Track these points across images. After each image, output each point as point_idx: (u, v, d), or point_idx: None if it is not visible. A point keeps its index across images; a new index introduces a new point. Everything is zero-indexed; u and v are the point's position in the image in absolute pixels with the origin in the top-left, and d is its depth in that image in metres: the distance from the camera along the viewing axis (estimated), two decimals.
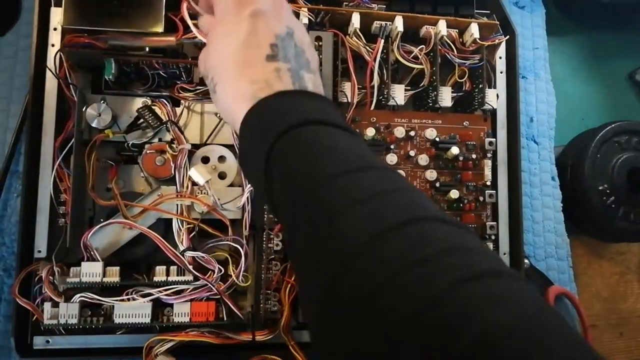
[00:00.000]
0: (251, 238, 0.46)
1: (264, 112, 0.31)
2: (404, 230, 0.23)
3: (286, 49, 0.34)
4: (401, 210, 0.24)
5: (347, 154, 0.28)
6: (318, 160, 0.28)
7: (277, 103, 0.31)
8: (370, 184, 0.26)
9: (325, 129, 0.30)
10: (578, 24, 0.66)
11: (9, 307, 0.45)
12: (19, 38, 0.51)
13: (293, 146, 0.29)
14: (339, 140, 0.29)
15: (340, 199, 0.25)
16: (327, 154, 0.28)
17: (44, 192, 0.43)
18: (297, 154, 0.28)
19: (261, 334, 0.43)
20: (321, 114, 0.31)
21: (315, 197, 0.26)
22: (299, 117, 0.30)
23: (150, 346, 0.42)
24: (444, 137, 0.49)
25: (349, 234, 0.23)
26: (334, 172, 0.26)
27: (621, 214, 0.55)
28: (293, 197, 0.28)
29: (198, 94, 0.45)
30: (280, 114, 0.31)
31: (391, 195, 0.25)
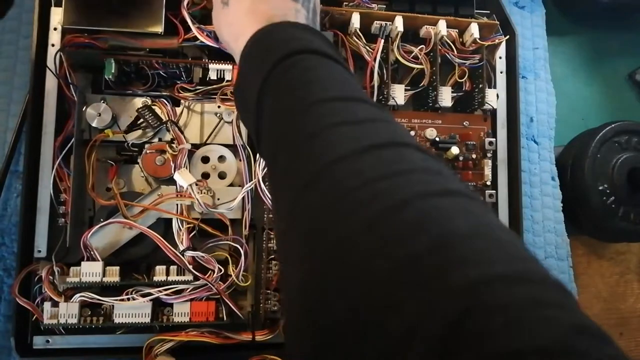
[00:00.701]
0: (251, 238, 0.46)
1: (268, 37, 0.32)
2: (383, 150, 0.24)
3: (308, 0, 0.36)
4: (383, 135, 0.25)
5: (340, 84, 0.29)
6: (310, 85, 0.28)
7: (285, 30, 0.32)
8: (357, 111, 0.27)
9: (326, 61, 0.30)
10: (578, 24, 0.66)
11: (9, 307, 0.45)
12: (19, 38, 0.51)
13: (288, 72, 0.29)
14: (336, 72, 0.30)
15: (327, 119, 0.26)
16: (322, 80, 0.29)
17: (44, 192, 0.43)
18: (295, 77, 0.29)
19: (261, 334, 0.43)
20: (322, 46, 0.31)
21: (304, 116, 0.27)
22: (299, 45, 0.30)
23: (150, 346, 0.42)
24: (444, 137, 0.49)
25: (334, 147, 0.25)
26: (324, 97, 0.27)
27: (621, 214, 0.55)
28: (281, 118, 0.28)
29: (198, 94, 0.45)
30: (283, 41, 0.31)
31: (376, 123, 0.26)
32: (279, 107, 0.29)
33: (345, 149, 0.24)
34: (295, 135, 0.27)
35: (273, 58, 0.29)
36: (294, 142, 0.27)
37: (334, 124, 0.26)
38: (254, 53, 0.32)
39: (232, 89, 0.44)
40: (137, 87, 0.46)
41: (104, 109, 0.43)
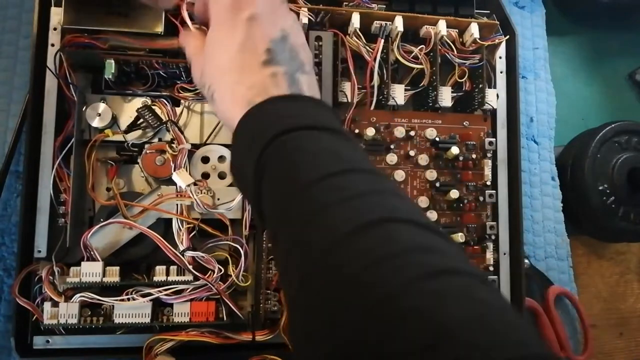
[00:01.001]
0: (251, 238, 0.46)
1: (255, 120, 0.32)
2: (370, 231, 0.24)
3: (281, 52, 0.34)
4: (378, 210, 0.25)
5: (332, 157, 0.29)
6: (303, 165, 0.28)
7: (268, 109, 0.32)
8: (352, 185, 0.27)
9: (312, 134, 0.30)
10: (578, 24, 0.66)
11: (9, 307, 0.45)
12: (19, 38, 0.51)
13: (279, 153, 0.29)
14: (327, 143, 0.30)
15: (315, 203, 0.26)
16: (312, 158, 0.29)
17: (44, 192, 0.43)
18: (283, 160, 0.29)
19: (261, 334, 0.43)
20: (311, 118, 0.31)
21: (299, 200, 0.27)
22: (287, 123, 0.30)
23: (150, 346, 0.42)
24: (444, 137, 0.49)
25: (320, 236, 0.25)
26: (317, 176, 0.27)
27: (621, 214, 0.55)
28: (279, 200, 0.29)
29: (198, 93, 0.45)
30: (270, 121, 0.31)
31: (366, 197, 0.26)
32: (274, 195, 0.29)
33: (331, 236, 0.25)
34: (291, 222, 0.27)
35: (257, 149, 0.30)
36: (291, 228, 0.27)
37: (325, 206, 0.26)
38: (241, 143, 0.32)
39: None
40: (137, 87, 0.46)
41: (104, 109, 0.43)
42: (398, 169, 0.48)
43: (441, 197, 0.48)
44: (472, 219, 0.48)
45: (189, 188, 0.42)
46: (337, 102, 0.47)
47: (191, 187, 0.42)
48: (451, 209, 0.48)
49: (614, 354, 0.60)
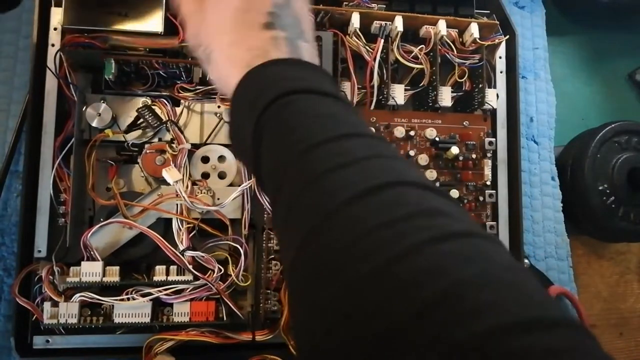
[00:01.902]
0: (251, 237, 0.46)
1: (253, 82, 0.31)
2: (380, 193, 0.24)
3: (283, 17, 0.34)
4: (380, 174, 0.25)
5: (332, 121, 0.28)
6: (302, 129, 0.28)
7: (268, 71, 0.31)
8: (352, 150, 0.26)
9: (314, 97, 0.29)
10: (578, 24, 0.66)
11: (9, 306, 0.45)
12: (19, 38, 0.51)
13: (278, 116, 0.29)
14: (326, 108, 0.29)
15: (322, 165, 0.26)
16: (312, 122, 0.28)
17: (44, 192, 0.43)
18: (282, 123, 0.28)
19: (261, 334, 0.43)
20: (311, 82, 0.30)
21: (299, 163, 0.27)
22: (287, 85, 0.29)
23: (150, 345, 0.42)
24: (444, 137, 0.49)
25: (328, 196, 0.24)
26: (318, 140, 0.27)
27: (621, 214, 0.55)
28: (277, 165, 0.28)
29: (198, 93, 0.45)
30: (270, 82, 0.30)
31: (372, 161, 0.26)
32: (272, 159, 0.29)
33: (342, 196, 0.24)
34: (294, 182, 0.26)
35: (256, 111, 0.29)
36: (295, 188, 0.26)
37: (328, 170, 0.25)
38: (240, 105, 0.32)
39: None
40: (137, 87, 0.46)
41: (104, 109, 0.43)
42: None
43: None
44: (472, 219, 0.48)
45: (177, 184, 0.42)
46: None
47: (179, 184, 0.42)
48: None
49: (614, 354, 0.60)
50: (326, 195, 0.24)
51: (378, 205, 0.23)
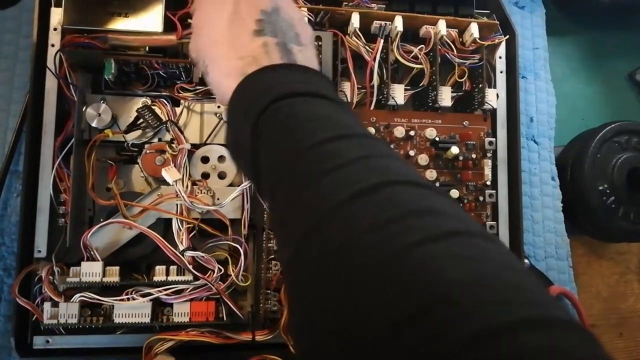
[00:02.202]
0: (251, 237, 0.46)
1: (248, 89, 0.32)
2: (374, 194, 0.24)
3: (273, 23, 0.34)
4: (374, 174, 0.25)
5: (326, 122, 0.28)
6: (297, 131, 0.28)
7: (261, 78, 0.31)
8: (347, 151, 0.26)
9: (307, 100, 0.30)
10: (578, 24, 0.66)
11: (9, 307, 0.45)
12: (19, 38, 0.51)
13: (274, 120, 0.29)
14: (320, 110, 0.29)
15: (317, 167, 0.26)
16: (307, 124, 0.28)
17: (44, 192, 0.43)
18: (278, 127, 0.29)
19: (261, 334, 0.43)
20: (304, 85, 0.31)
21: (295, 166, 0.27)
22: (280, 90, 0.30)
23: (150, 346, 0.42)
24: (444, 137, 0.49)
25: (323, 198, 0.24)
26: (312, 142, 0.27)
27: (621, 214, 0.55)
28: (275, 168, 0.28)
29: (198, 93, 0.45)
30: (263, 89, 0.31)
31: (367, 161, 0.26)
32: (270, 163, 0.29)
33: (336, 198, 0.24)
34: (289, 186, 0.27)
35: (252, 118, 0.29)
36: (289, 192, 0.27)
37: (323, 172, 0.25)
38: (236, 113, 0.32)
39: None
40: (137, 87, 0.46)
41: (104, 109, 0.43)
42: None
43: None
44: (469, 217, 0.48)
45: (176, 184, 0.42)
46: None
47: (178, 184, 0.42)
48: None
49: (614, 354, 0.60)
50: (321, 197, 0.24)
51: (371, 205, 0.23)
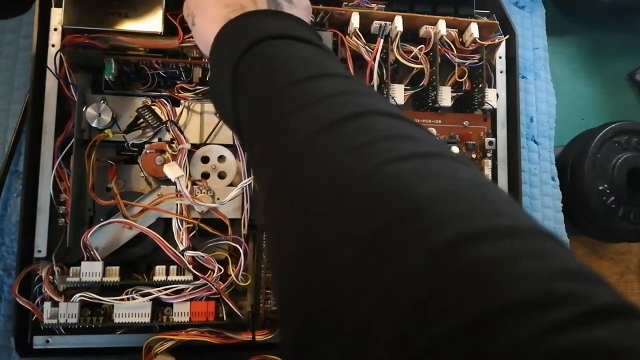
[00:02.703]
0: (250, 237, 0.46)
1: (229, 35, 0.32)
2: (346, 124, 0.24)
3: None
4: (347, 108, 0.25)
5: (305, 63, 0.29)
6: (274, 73, 0.28)
7: (242, 24, 0.32)
8: (322, 88, 0.27)
9: (288, 42, 0.30)
10: (578, 24, 0.66)
11: (9, 306, 0.45)
12: (19, 38, 0.51)
13: (253, 63, 0.29)
14: (301, 52, 0.30)
15: (291, 105, 0.26)
16: (284, 64, 0.28)
17: (44, 192, 0.43)
18: (257, 70, 0.29)
19: (261, 334, 0.43)
20: (286, 29, 0.31)
21: (271, 106, 0.27)
22: (260, 34, 0.30)
23: (150, 345, 0.42)
24: (444, 136, 0.49)
25: (296, 133, 0.25)
26: (286, 82, 0.27)
27: (621, 214, 0.55)
28: (251, 112, 0.29)
29: (198, 93, 0.45)
30: (243, 33, 0.31)
31: (341, 97, 0.26)
32: (248, 103, 0.29)
33: (309, 131, 0.24)
34: (266, 124, 0.27)
35: (233, 58, 0.30)
36: (266, 129, 0.27)
37: (297, 108, 0.26)
38: (217, 60, 0.32)
39: None
40: (137, 87, 0.46)
41: (104, 109, 0.43)
42: None
43: None
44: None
45: (178, 180, 0.42)
46: None
47: (180, 180, 0.42)
48: None
49: None
50: (295, 132, 0.25)
51: (343, 134, 0.23)
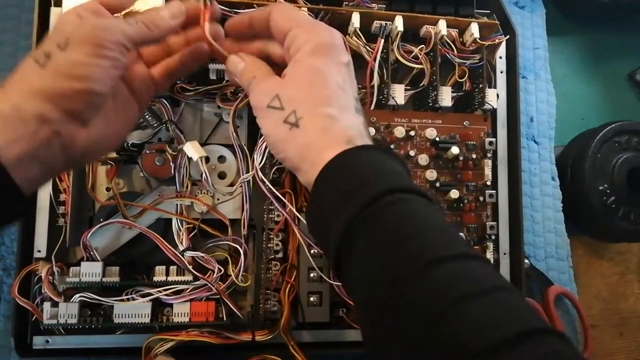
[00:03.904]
0: (250, 238, 0.46)
1: (350, 168, 0.31)
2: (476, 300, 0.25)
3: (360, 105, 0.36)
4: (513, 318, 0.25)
5: (443, 236, 0.29)
6: (415, 240, 0.28)
7: (363, 158, 0.31)
8: (477, 276, 0.27)
9: (408, 202, 0.29)
10: (578, 24, 0.66)
11: (9, 306, 0.45)
12: (19, 38, 0.51)
13: (382, 218, 0.28)
14: (429, 214, 0.29)
15: (448, 296, 0.25)
16: (424, 232, 0.28)
17: (44, 192, 0.43)
18: (386, 226, 0.28)
19: (261, 334, 0.43)
20: (403, 178, 0.31)
21: (417, 283, 0.26)
22: (386, 182, 0.30)
23: (150, 346, 0.42)
24: (444, 137, 0.49)
25: (427, 300, 0.25)
26: (432, 257, 0.27)
27: (621, 214, 0.55)
28: (382, 275, 0.28)
29: (198, 93, 0.45)
30: (367, 174, 0.30)
31: (503, 292, 0.26)
32: (366, 268, 0.28)
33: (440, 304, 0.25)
34: (409, 313, 0.26)
35: (350, 208, 0.29)
36: (389, 311, 0.26)
37: (461, 298, 0.25)
38: (335, 183, 0.31)
39: (231, 90, 0.44)
40: None
41: None
42: None
43: (441, 197, 0.48)
44: (472, 219, 0.48)
45: (201, 160, 0.41)
46: None
47: (202, 160, 0.41)
48: (451, 209, 0.48)
49: (614, 355, 0.60)
50: (425, 300, 0.25)
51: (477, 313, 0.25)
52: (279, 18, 0.36)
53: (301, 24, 0.36)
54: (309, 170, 0.32)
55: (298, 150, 0.33)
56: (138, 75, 0.36)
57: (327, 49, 0.35)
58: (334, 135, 0.32)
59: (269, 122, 0.35)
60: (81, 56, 0.30)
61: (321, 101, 0.34)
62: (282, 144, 0.34)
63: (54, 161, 0.31)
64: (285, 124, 0.33)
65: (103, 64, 0.30)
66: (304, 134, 0.33)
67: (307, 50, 0.35)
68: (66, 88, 0.30)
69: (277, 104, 0.34)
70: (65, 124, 0.30)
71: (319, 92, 0.34)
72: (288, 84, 0.35)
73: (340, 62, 0.35)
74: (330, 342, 0.46)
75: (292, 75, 0.35)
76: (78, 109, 0.30)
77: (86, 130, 0.32)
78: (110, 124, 0.34)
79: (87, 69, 0.30)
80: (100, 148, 0.34)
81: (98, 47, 0.30)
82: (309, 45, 0.35)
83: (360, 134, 0.33)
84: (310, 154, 0.33)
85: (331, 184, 0.31)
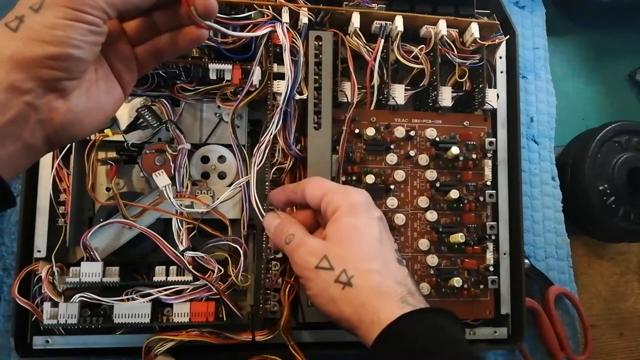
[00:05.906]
0: (250, 238, 0.46)
1: (405, 338, 0.31)
2: None
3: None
4: None
5: None
6: None
7: (418, 328, 0.32)
8: None
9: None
10: (578, 24, 0.66)
11: (9, 306, 0.45)
12: None
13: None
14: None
15: None
16: None
17: (44, 192, 0.43)
18: None
19: (261, 334, 0.43)
20: (459, 347, 0.32)
21: None
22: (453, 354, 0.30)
23: (150, 346, 0.42)
24: (444, 137, 0.49)
25: None
26: None
27: (621, 214, 0.55)
28: None
29: (198, 93, 0.45)
30: (423, 349, 0.31)
31: None
32: None
33: None
34: None
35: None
36: None
37: None
38: (395, 349, 0.31)
39: (231, 90, 0.44)
40: (137, 87, 0.45)
41: None
42: (398, 169, 0.48)
43: (441, 197, 0.48)
44: (472, 219, 0.48)
45: (165, 189, 0.42)
46: (337, 102, 0.47)
47: (167, 188, 0.42)
48: (451, 209, 0.48)
49: (614, 355, 0.60)
50: None
51: None
52: (312, 190, 0.39)
53: (333, 189, 0.38)
54: (370, 330, 0.33)
55: (354, 309, 0.33)
56: (120, 52, 0.33)
57: (360, 207, 0.37)
58: (386, 293, 0.33)
59: (319, 282, 0.35)
60: (57, 19, 0.27)
61: (365, 257, 0.35)
62: (336, 304, 0.34)
63: (32, 137, 0.28)
64: (337, 284, 0.34)
65: (81, 27, 0.27)
66: (358, 293, 0.34)
67: (343, 210, 0.36)
68: (39, 53, 0.26)
69: (326, 264, 0.35)
70: (40, 96, 0.27)
71: (361, 249, 0.35)
72: (332, 243, 0.36)
73: (374, 217, 0.37)
74: (330, 342, 0.46)
75: (333, 234, 0.36)
76: (54, 77, 0.27)
77: (66, 103, 0.29)
78: (92, 97, 0.31)
79: (63, 33, 0.27)
80: (83, 125, 0.31)
81: (75, 9, 0.27)
82: (344, 206, 0.37)
83: (410, 291, 0.34)
84: (367, 314, 0.33)
85: (390, 353, 0.32)
